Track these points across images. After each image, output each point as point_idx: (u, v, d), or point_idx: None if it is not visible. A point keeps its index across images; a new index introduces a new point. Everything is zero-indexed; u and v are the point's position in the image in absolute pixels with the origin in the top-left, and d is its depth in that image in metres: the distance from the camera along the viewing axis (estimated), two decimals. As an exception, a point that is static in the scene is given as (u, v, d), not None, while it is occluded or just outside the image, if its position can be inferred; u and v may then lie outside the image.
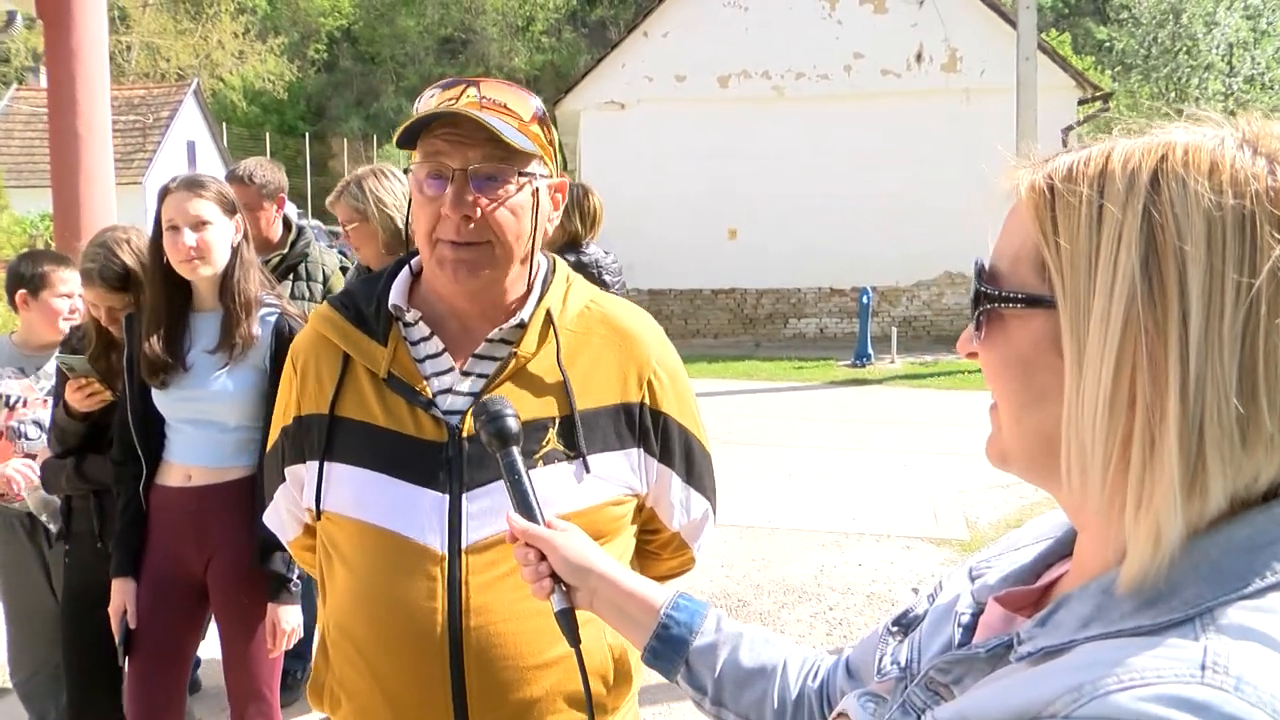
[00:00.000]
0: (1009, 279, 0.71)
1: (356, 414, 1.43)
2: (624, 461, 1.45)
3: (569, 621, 1.10)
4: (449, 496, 1.38)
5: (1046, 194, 0.69)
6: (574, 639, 1.10)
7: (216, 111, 34.97)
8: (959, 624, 0.82)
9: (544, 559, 1.11)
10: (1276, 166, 0.64)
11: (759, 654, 1.03)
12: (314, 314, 1.56)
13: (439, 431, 1.40)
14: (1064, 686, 0.61)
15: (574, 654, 1.12)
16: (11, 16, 7.50)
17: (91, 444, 2.75)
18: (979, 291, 0.72)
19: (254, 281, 2.52)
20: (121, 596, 2.45)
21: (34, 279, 3.10)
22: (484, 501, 1.37)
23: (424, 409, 1.41)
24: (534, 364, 1.44)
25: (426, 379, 1.44)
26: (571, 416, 1.41)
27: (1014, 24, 12.43)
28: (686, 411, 1.54)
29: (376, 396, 1.43)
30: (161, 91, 28.93)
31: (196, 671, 3.65)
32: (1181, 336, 0.62)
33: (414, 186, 1.41)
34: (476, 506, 1.37)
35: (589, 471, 1.40)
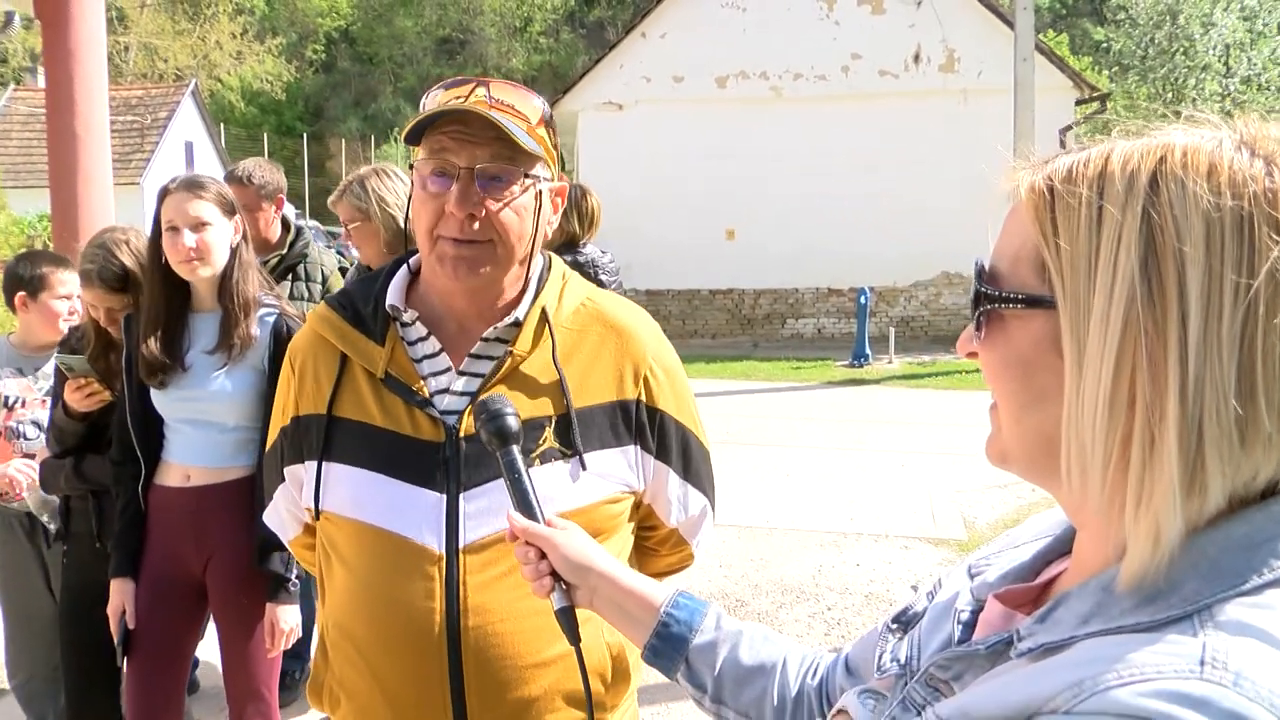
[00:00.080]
0: (1009, 280, 0.72)
1: (354, 414, 1.44)
2: (621, 459, 1.45)
3: (569, 620, 1.10)
4: (446, 496, 1.38)
5: (1046, 195, 0.69)
6: (574, 637, 1.10)
7: (214, 112, 34.95)
8: (959, 621, 0.83)
9: (544, 557, 1.11)
10: (1274, 168, 0.64)
11: (759, 652, 1.03)
12: (312, 314, 1.57)
13: (436, 431, 1.40)
14: (1064, 682, 0.61)
15: (572, 653, 1.12)
16: (9, 17, 7.50)
17: (90, 444, 2.75)
18: (979, 292, 0.73)
19: (253, 282, 2.52)
20: (120, 597, 2.45)
21: (32, 280, 3.10)
22: (481, 501, 1.37)
23: (421, 409, 1.41)
24: (529, 362, 1.44)
25: (424, 379, 1.44)
26: (568, 414, 1.41)
27: (1011, 25, 12.41)
28: (684, 408, 1.54)
29: (374, 396, 1.43)
30: (159, 92, 28.91)
31: (195, 672, 3.65)
32: (1181, 337, 0.62)
33: (417, 183, 1.41)
34: (474, 506, 1.38)
35: (585, 469, 1.40)
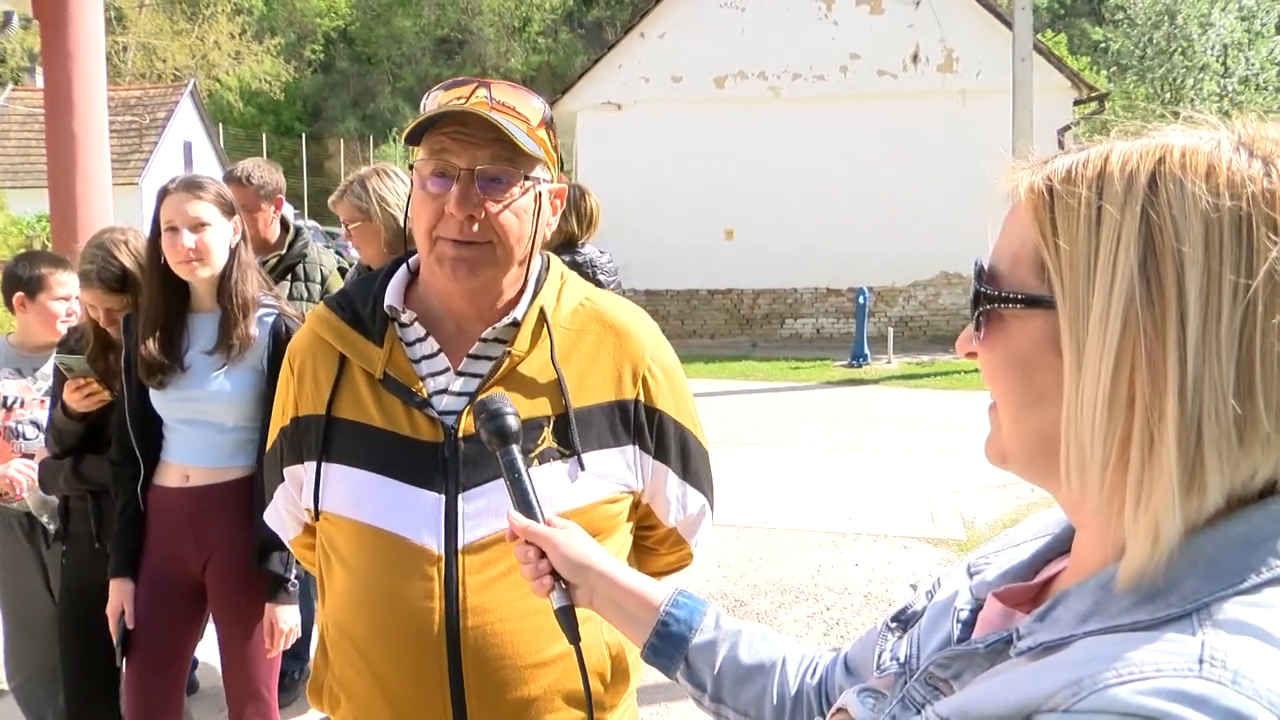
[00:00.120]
0: (1008, 280, 0.72)
1: (353, 415, 1.44)
2: (619, 459, 1.45)
3: (568, 619, 1.10)
4: (445, 497, 1.38)
5: (1046, 196, 0.70)
6: (573, 636, 1.10)
7: (213, 112, 34.91)
8: (958, 620, 0.83)
9: (544, 556, 1.11)
10: (1272, 169, 0.65)
11: (758, 651, 1.03)
12: (310, 315, 1.57)
13: (435, 432, 1.40)
14: (1063, 681, 0.61)
15: (571, 653, 1.12)
16: (8, 17, 7.50)
17: (89, 445, 2.75)
18: (979, 292, 0.73)
19: (252, 283, 2.52)
20: (119, 597, 2.45)
21: (31, 281, 3.09)
22: (480, 502, 1.37)
23: (419, 409, 1.41)
24: (528, 363, 1.44)
25: (422, 379, 1.44)
26: (566, 415, 1.41)
27: (1010, 25, 12.42)
28: (682, 408, 1.54)
29: (372, 397, 1.43)
30: (158, 92, 28.88)
31: (194, 672, 3.65)
32: (1180, 337, 0.62)
33: (417, 183, 1.41)
34: (472, 507, 1.38)
35: (584, 469, 1.40)
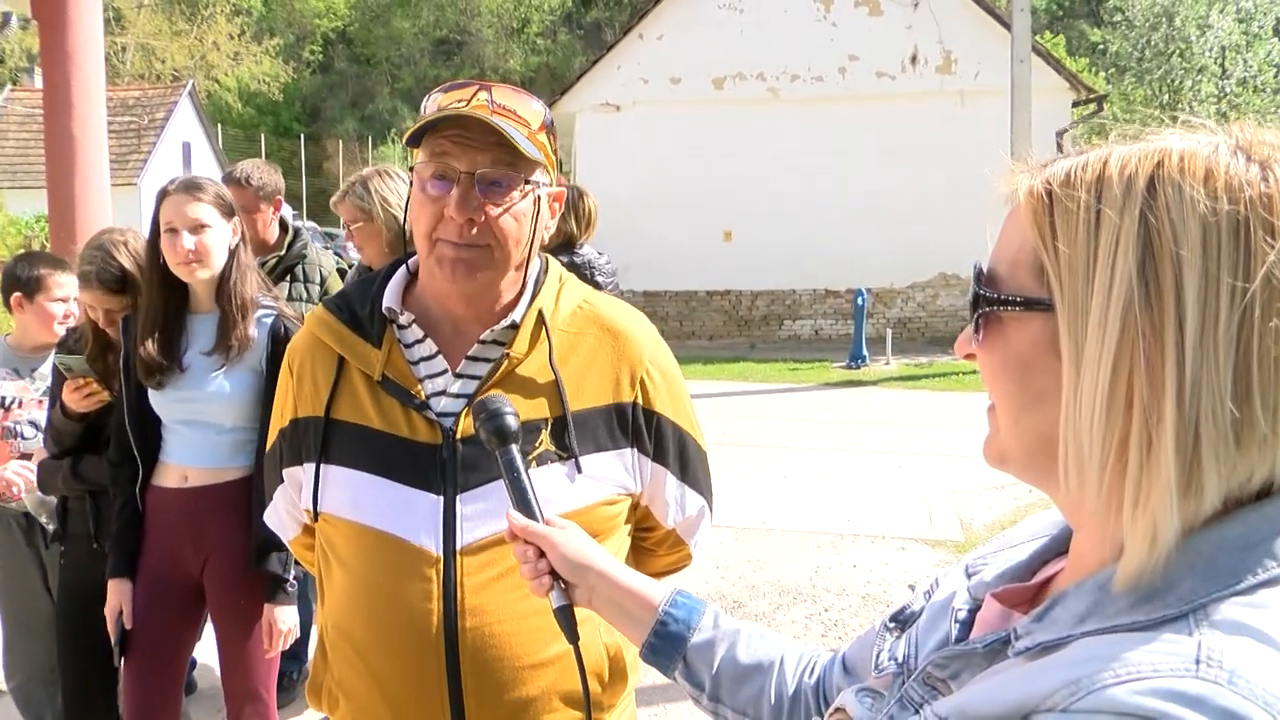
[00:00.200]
0: (1008, 282, 0.72)
1: (351, 416, 1.44)
2: (617, 461, 1.46)
3: (567, 618, 1.10)
4: (443, 498, 1.38)
5: (1045, 199, 0.70)
6: (572, 636, 1.11)
7: (211, 113, 34.89)
8: (956, 620, 0.83)
9: (543, 556, 1.11)
10: (1269, 173, 0.65)
11: (756, 650, 1.04)
12: (309, 316, 1.57)
13: (433, 433, 1.40)
14: (1061, 680, 0.62)
15: (569, 654, 1.12)
16: (6, 17, 7.50)
17: (88, 445, 2.75)
18: (978, 294, 0.73)
19: (251, 284, 2.52)
20: (118, 597, 2.45)
21: (29, 282, 3.09)
22: (478, 503, 1.38)
23: (418, 411, 1.41)
24: (526, 365, 1.44)
25: (420, 381, 1.44)
26: (564, 417, 1.41)
27: (1008, 26, 12.44)
28: (680, 410, 1.54)
29: (371, 399, 1.44)
30: (156, 93, 28.86)
31: (192, 672, 3.65)
32: (1178, 340, 0.63)
33: (416, 185, 1.41)
34: (471, 508, 1.38)
35: (581, 472, 1.41)
